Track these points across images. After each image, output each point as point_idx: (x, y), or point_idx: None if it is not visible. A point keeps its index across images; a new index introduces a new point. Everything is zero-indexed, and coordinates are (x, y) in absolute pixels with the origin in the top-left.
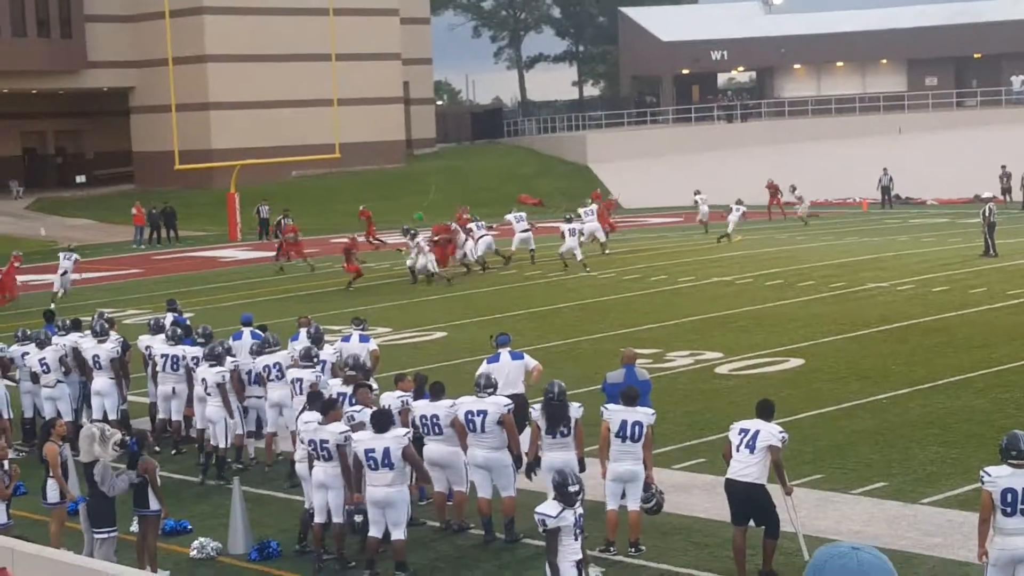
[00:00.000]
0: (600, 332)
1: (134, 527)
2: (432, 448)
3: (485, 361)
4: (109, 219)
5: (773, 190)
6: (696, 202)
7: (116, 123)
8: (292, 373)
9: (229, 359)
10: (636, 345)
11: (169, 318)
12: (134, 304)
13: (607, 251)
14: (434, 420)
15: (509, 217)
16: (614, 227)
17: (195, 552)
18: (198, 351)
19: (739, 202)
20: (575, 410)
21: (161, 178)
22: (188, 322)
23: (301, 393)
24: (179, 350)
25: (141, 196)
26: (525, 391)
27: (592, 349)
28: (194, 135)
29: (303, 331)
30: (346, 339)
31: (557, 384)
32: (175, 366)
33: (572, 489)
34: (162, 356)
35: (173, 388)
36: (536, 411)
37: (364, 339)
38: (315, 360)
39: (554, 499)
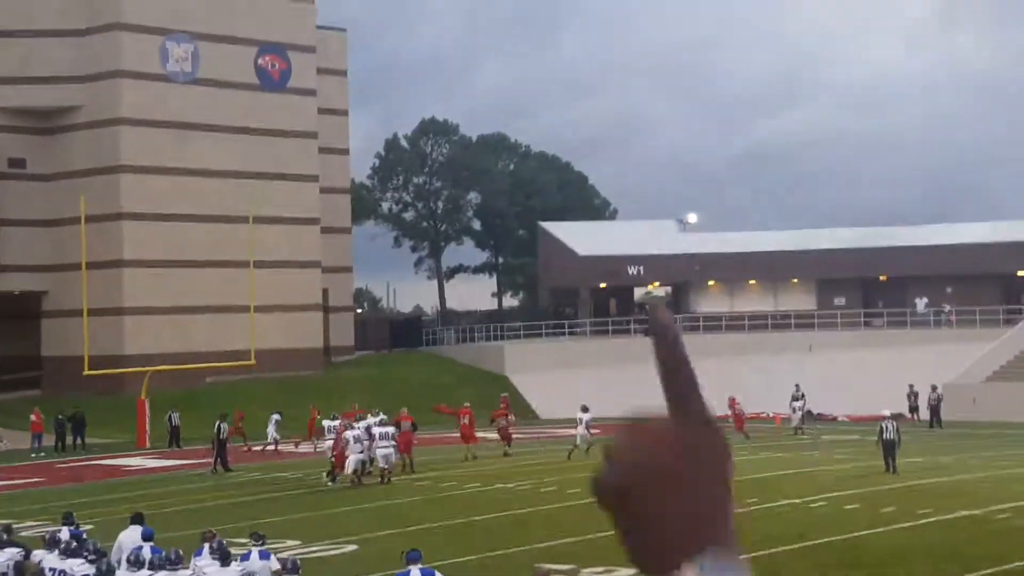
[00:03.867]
0: (515, 546)
1: None
2: None
3: None
4: (11, 425)
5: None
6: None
7: (26, 327)
8: None
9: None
10: (551, 560)
11: (65, 532)
12: (31, 516)
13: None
14: None
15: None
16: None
17: None
18: (88, 569)
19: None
20: None
21: (70, 383)
22: (85, 535)
23: None
24: (67, 564)
25: (48, 403)
26: None
27: (506, 564)
28: (107, 340)
29: (207, 546)
30: (245, 557)
31: None
32: None
33: None
34: (50, 570)
35: None
36: None
37: (264, 555)
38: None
39: None
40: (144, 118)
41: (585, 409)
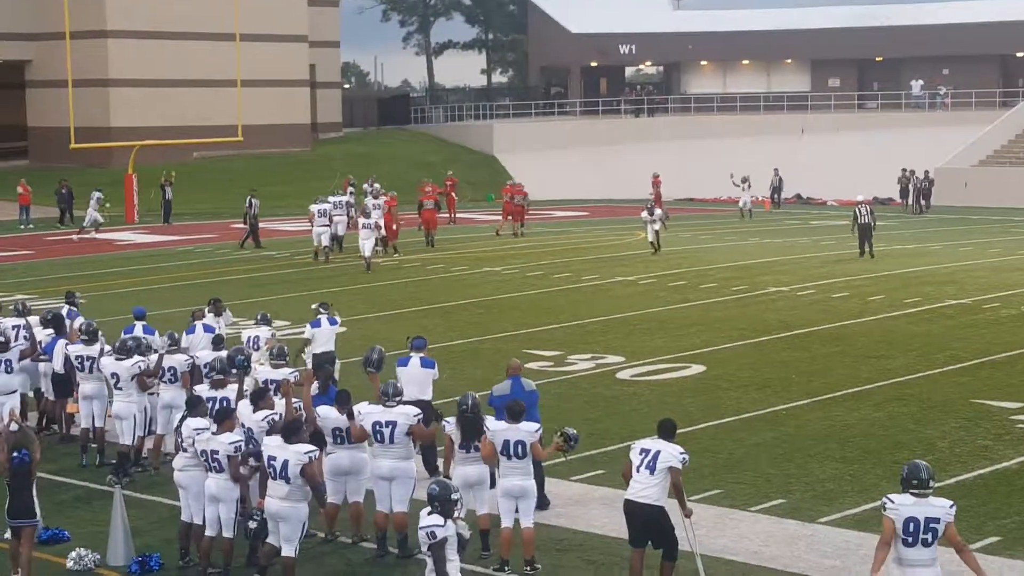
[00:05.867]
0: (503, 331)
1: (7, 535)
2: (343, 455)
3: (396, 363)
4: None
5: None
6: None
7: (11, 96)
8: (263, 372)
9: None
10: (538, 346)
11: (65, 310)
12: (23, 288)
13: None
14: (347, 431)
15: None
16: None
17: (72, 563)
18: (81, 349)
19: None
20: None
21: (57, 155)
22: (80, 314)
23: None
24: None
25: (36, 174)
26: (431, 397)
27: (494, 349)
28: (92, 112)
29: (199, 324)
30: (315, 323)
31: (471, 397)
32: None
33: (454, 497)
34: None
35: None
36: (450, 424)
37: (333, 322)
38: (287, 360)
39: (435, 511)
40: None
41: (651, 210)
